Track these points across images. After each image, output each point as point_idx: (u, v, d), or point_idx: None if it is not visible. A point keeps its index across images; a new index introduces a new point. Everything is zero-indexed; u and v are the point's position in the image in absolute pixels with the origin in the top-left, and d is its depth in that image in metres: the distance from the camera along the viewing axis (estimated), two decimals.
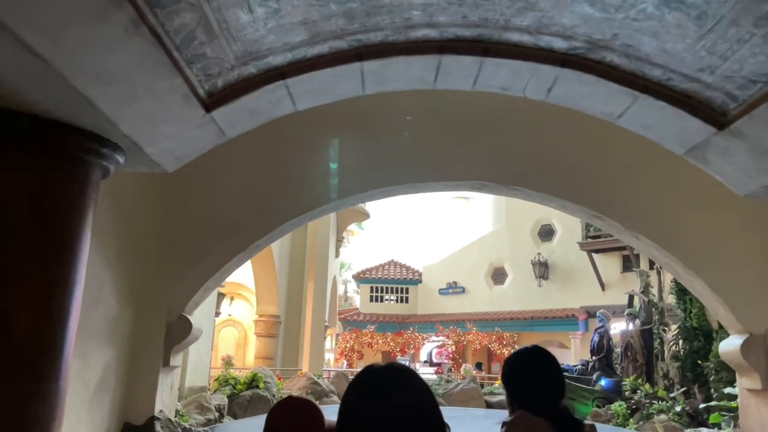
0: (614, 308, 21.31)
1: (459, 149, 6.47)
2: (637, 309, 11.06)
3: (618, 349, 11.38)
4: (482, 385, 17.31)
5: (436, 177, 6.57)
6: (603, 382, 10.70)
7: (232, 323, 17.86)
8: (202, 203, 6.27)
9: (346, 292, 39.01)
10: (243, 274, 16.36)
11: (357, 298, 30.84)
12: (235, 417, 9.26)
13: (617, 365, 11.32)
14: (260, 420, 2.06)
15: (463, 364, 17.73)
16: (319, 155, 6.49)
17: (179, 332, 6.08)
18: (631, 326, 11.09)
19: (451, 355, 24.39)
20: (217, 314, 10.91)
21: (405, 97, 6.59)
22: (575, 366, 11.33)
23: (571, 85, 3.96)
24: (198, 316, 9.58)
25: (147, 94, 3.29)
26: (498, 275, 24.78)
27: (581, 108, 4.24)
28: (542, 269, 22.70)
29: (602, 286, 21.35)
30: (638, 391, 9.61)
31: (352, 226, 39.96)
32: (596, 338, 11.24)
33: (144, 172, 4.30)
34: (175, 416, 6.63)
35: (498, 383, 18.00)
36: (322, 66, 3.83)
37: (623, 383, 10.17)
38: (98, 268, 5.08)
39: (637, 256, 20.31)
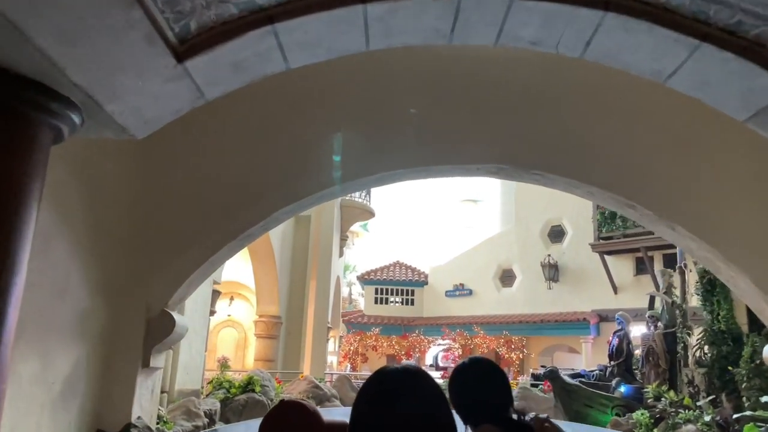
0: (627, 312, 20.62)
1: (474, 129, 5.81)
2: (659, 311, 10.35)
3: (638, 354, 10.66)
4: None
5: (449, 160, 5.91)
6: (623, 389, 10.01)
7: (232, 324, 17.24)
8: (187, 182, 5.63)
9: (350, 294, 38.38)
10: (243, 273, 15.74)
11: (362, 300, 30.19)
12: (227, 422, 8.62)
13: (637, 371, 10.62)
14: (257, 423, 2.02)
15: None
16: (321, 133, 5.84)
17: (161, 330, 5.44)
18: (652, 329, 10.39)
19: (457, 359, 23.66)
20: (212, 313, 10.28)
21: (415, 72, 5.95)
22: (592, 371, 10.63)
23: (615, 36, 3.30)
24: (190, 314, 8.95)
25: (99, 30, 2.65)
26: (506, 277, 24.09)
27: (625, 66, 3.58)
28: (552, 271, 22.00)
29: (614, 289, 20.64)
30: (662, 399, 8.91)
31: (357, 227, 39.41)
32: (615, 342, 10.54)
33: (112, 139, 3.64)
34: (158, 423, 5.99)
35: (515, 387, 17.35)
36: (317, 8, 3.19)
37: (645, 390, 9.46)
38: (65, 255, 4.46)
39: (651, 259, 19.62)
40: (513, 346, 22.28)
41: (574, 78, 5.70)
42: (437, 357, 25.22)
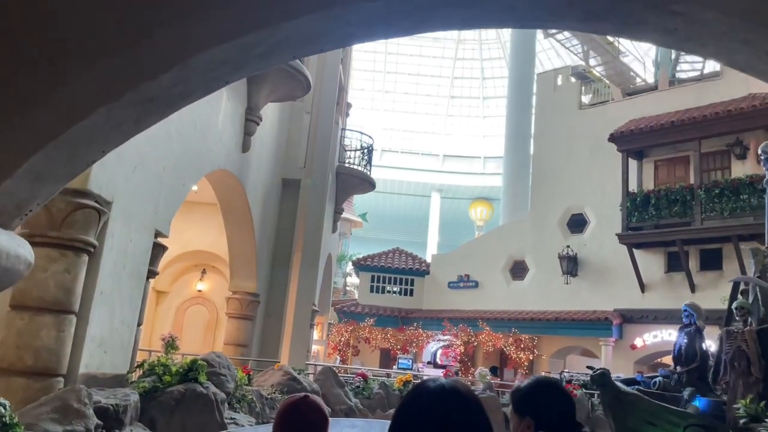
0: (655, 313, 17.89)
1: None
2: (749, 302, 7.60)
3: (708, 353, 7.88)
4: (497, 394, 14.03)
5: None
6: (698, 403, 7.27)
7: (202, 301, 14.49)
8: None
9: (345, 285, 35.61)
10: (220, 242, 12.96)
11: (357, 292, 27.43)
12: (151, 424, 5.87)
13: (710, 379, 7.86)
14: None
15: (478, 368, 14.37)
16: None
17: None
18: (735, 327, 7.60)
19: (458, 357, 20.93)
20: (152, 274, 7.53)
21: None
22: (653, 377, 7.87)
23: None
24: (111, 268, 6.21)
25: None
26: (518, 269, 21.32)
27: None
28: (570, 264, 19.24)
29: (642, 286, 17.88)
30: (766, 422, 6.18)
31: (354, 216, 36.69)
32: (683, 341, 7.78)
33: None
34: None
35: None
36: None
37: (736, 406, 6.73)
38: None
39: (687, 254, 16.89)
40: (522, 346, 19.53)
41: None
42: (436, 354, 22.47)
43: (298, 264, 12.14)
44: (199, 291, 14.38)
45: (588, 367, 7.67)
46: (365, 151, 15.95)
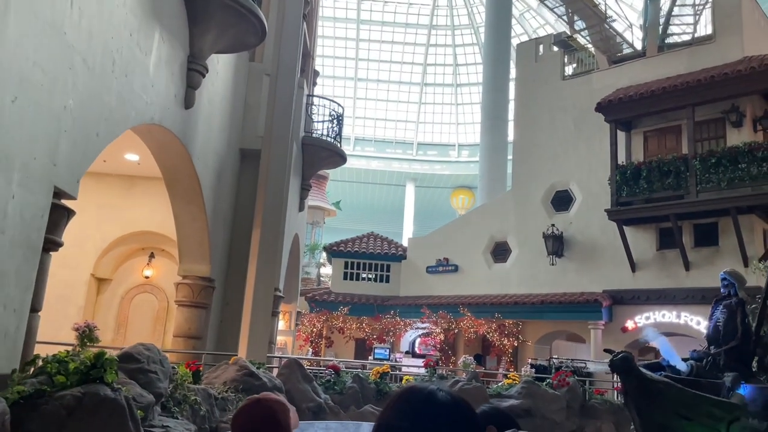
0: (647, 293, 16.56)
1: None
2: None
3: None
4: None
5: None
6: (743, 391, 5.78)
7: (151, 289, 12.65)
8: None
9: (319, 276, 33.84)
10: (168, 222, 11.14)
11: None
12: None
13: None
14: None
15: (462, 356, 12.86)
16: None
17: None
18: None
19: (438, 346, 19.42)
20: (54, 246, 5.74)
21: None
22: (686, 360, 6.30)
23: None
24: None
25: None
26: (500, 251, 19.84)
27: None
28: (556, 244, 17.82)
29: (632, 266, 16.54)
30: None
31: (327, 205, 34.94)
32: (721, 315, 6.23)
33: None
34: None
35: (507, 382, 13.13)
36: None
37: None
38: None
39: (680, 229, 15.56)
40: (506, 332, 18.07)
41: None
42: (414, 342, 20.93)
43: (256, 242, 10.42)
44: (147, 277, 12.54)
45: (606, 351, 6.12)
46: (335, 121, 14.24)
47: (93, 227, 12.08)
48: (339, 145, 14.18)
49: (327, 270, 32.72)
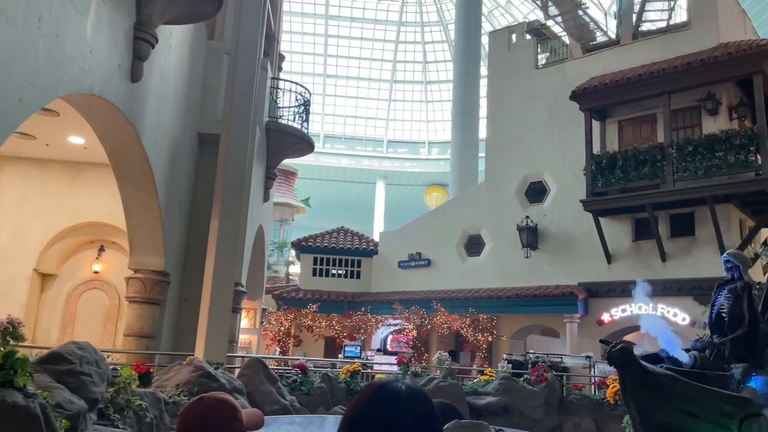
0: (623, 286, 16.09)
1: None
2: None
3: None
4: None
5: None
6: (754, 384, 5.15)
7: (101, 285, 11.59)
8: None
9: (288, 274, 32.80)
10: (119, 212, 10.12)
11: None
12: None
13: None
14: None
15: (437, 352, 12.16)
16: None
17: None
18: None
19: (410, 342, 18.70)
20: None
21: None
22: (687, 352, 5.64)
23: None
24: None
25: None
26: (473, 245, 19.20)
27: None
28: (530, 236, 17.26)
29: (608, 257, 16.06)
30: None
31: (296, 202, 33.95)
32: (725, 301, 5.58)
33: None
34: None
35: (483, 378, 12.45)
36: None
37: None
38: None
39: (657, 219, 15.13)
40: (480, 326, 17.43)
41: None
42: (386, 340, 20.17)
43: (214, 232, 9.51)
44: (96, 273, 11.49)
45: (602, 342, 5.45)
46: (301, 107, 13.37)
47: (36, 218, 11.00)
48: (306, 131, 13.31)
49: (296, 269, 31.73)
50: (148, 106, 8.85)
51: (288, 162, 37.66)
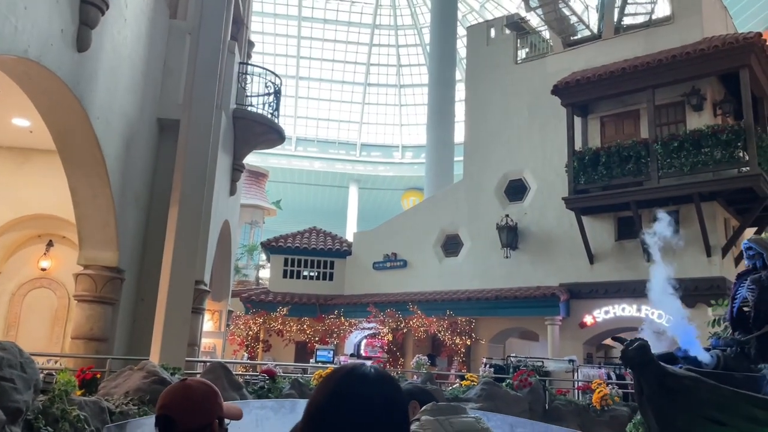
0: (606, 286, 15.57)
1: None
2: None
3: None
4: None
5: None
6: None
7: (48, 284, 10.51)
8: None
9: (258, 278, 31.70)
10: (69, 204, 9.08)
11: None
12: None
13: None
14: None
15: (416, 356, 11.37)
16: None
17: None
18: None
19: (386, 347, 17.88)
20: None
21: None
22: (708, 351, 4.94)
23: None
24: None
25: None
26: (451, 244, 18.49)
27: None
28: (510, 236, 16.63)
29: (590, 257, 15.50)
30: None
31: (267, 204, 32.89)
32: (748, 293, 4.93)
33: None
34: None
35: (464, 383, 11.71)
36: None
37: None
38: None
39: (640, 218, 14.63)
40: (458, 330, 16.71)
41: None
42: (360, 344, 19.31)
43: (173, 222, 8.57)
44: (44, 270, 10.41)
45: (615, 339, 4.71)
46: (272, 95, 12.50)
47: None
48: (276, 121, 12.43)
49: (267, 273, 30.66)
50: (97, 81, 7.91)
51: (259, 164, 36.64)
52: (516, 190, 17.29)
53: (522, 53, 18.21)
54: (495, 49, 18.32)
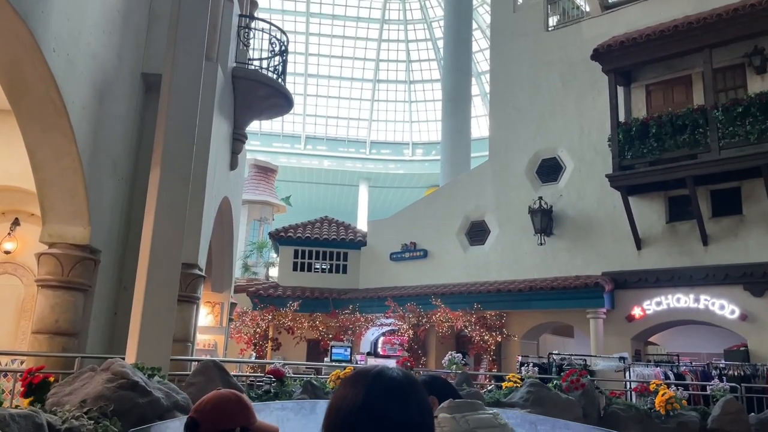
0: (656, 274, 13.61)
1: None
2: None
3: None
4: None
5: None
6: None
7: (14, 269, 8.71)
8: None
9: (268, 277, 29.95)
10: (27, 169, 7.22)
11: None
12: None
13: None
14: None
15: (448, 353, 9.49)
16: None
17: None
18: None
19: (406, 344, 15.98)
20: None
21: None
22: None
23: None
24: None
25: None
26: (476, 232, 16.55)
27: None
28: (545, 221, 14.70)
29: (638, 242, 13.55)
30: None
31: (276, 200, 31.16)
32: None
33: None
34: None
35: (506, 385, 9.81)
36: None
37: None
38: None
39: (696, 196, 12.66)
40: (488, 324, 14.78)
41: None
42: (377, 342, 17.42)
43: (154, 190, 6.74)
44: (8, 253, 8.60)
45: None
46: (277, 56, 10.68)
47: None
48: (283, 83, 10.59)
49: (277, 272, 28.92)
50: (59, 20, 6.10)
51: (268, 159, 34.93)
52: (549, 170, 15.34)
53: (552, 21, 16.30)
54: (522, 15, 16.41)
